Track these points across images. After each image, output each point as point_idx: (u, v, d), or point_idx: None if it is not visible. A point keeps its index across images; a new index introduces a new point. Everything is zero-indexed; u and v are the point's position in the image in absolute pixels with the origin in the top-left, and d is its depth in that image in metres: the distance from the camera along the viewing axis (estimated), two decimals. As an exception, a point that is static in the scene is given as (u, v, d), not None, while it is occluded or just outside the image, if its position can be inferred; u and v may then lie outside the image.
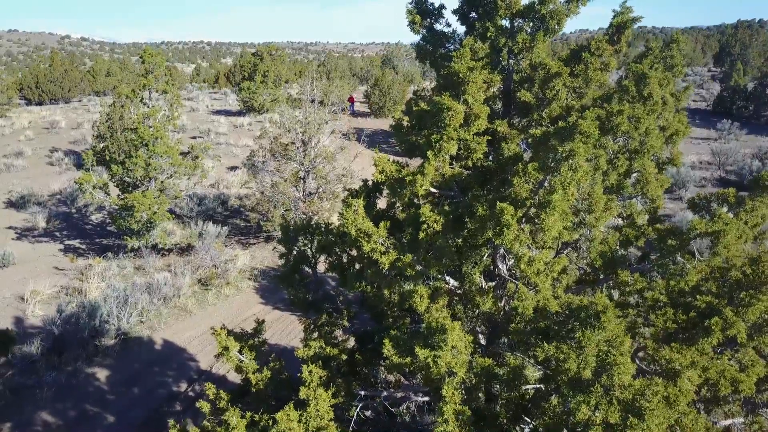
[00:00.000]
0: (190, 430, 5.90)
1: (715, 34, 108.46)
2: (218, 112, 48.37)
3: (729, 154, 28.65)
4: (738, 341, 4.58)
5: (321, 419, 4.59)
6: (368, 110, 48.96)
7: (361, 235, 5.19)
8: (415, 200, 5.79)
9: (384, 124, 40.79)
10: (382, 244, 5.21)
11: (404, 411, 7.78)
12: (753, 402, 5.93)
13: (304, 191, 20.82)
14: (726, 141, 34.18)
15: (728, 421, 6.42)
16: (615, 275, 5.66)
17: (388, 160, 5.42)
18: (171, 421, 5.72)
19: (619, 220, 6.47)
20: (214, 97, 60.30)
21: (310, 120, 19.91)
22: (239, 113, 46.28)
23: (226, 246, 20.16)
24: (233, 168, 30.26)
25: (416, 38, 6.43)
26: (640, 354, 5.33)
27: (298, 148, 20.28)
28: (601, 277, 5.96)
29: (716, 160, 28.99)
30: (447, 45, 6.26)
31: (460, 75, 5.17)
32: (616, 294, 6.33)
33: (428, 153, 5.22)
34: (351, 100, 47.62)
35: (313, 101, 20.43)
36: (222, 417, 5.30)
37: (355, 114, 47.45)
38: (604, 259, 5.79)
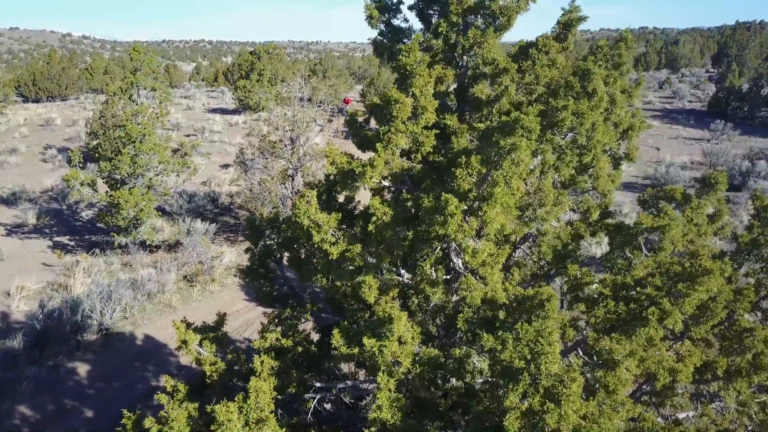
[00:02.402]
0: (146, 421, 5.96)
1: (716, 35, 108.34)
2: (214, 110, 48.49)
3: (720, 155, 28.66)
4: (675, 330, 4.64)
5: (261, 411, 4.65)
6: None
7: (312, 225, 5.26)
8: (370, 193, 5.86)
9: (379, 123, 40.78)
10: (332, 235, 5.28)
11: (368, 405, 7.84)
12: (701, 394, 6.00)
13: (292, 189, 20.89)
14: (718, 141, 34.21)
15: (682, 414, 6.50)
16: (565, 269, 5.73)
17: (340, 152, 5.49)
18: (124, 411, 5.79)
19: (575, 215, 6.54)
20: (211, 95, 60.41)
21: (298, 118, 19.98)
22: (235, 111, 46.41)
23: (214, 243, 20.24)
24: (226, 166, 30.35)
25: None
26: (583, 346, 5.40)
27: (286, 145, 20.35)
28: (552, 271, 6.03)
29: (707, 160, 29.03)
30: (404, 40, 6.32)
31: (408, 68, 5.24)
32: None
33: (378, 145, 5.29)
34: (347, 101, 47.35)
35: (301, 99, 20.50)
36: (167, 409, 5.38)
37: None
38: (555, 254, 5.86)
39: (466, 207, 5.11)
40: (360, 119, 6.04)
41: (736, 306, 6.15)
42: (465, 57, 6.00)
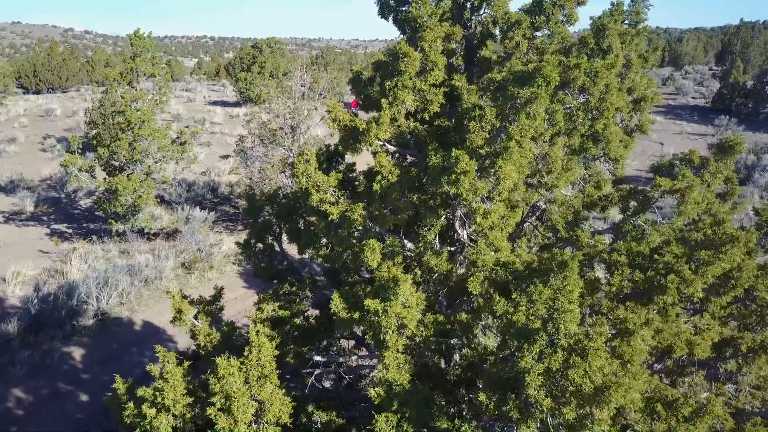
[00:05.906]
0: (139, 391, 5.73)
1: (719, 34, 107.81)
2: (215, 103, 48.24)
3: (725, 149, 28.37)
4: (694, 300, 4.38)
5: (263, 368, 4.39)
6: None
7: (311, 184, 5.01)
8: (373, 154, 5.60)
9: (380, 116, 40.48)
10: (332, 194, 5.02)
11: (368, 384, 7.60)
12: (717, 374, 5.74)
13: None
14: (723, 137, 33.91)
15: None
16: (576, 238, 5.47)
17: (343, 109, 5.23)
18: (117, 376, 5.55)
19: (584, 185, 6.28)
20: (212, 88, 60.18)
21: (299, 105, 19.71)
22: (236, 104, 46.16)
23: (212, 231, 19.99)
24: (226, 156, 30.11)
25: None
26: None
27: (286, 133, 20.09)
28: (562, 242, 5.76)
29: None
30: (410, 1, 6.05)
31: (418, 21, 4.98)
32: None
33: (383, 102, 5.03)
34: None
35: (303, 86, 20.24)
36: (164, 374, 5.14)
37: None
38: (566, 223, 5.59)
39: (476, 166, 4.85)
40: (365, 77, 5.78)
41: (757, 283, 5.88)
42: (473, 17, 5.74)
